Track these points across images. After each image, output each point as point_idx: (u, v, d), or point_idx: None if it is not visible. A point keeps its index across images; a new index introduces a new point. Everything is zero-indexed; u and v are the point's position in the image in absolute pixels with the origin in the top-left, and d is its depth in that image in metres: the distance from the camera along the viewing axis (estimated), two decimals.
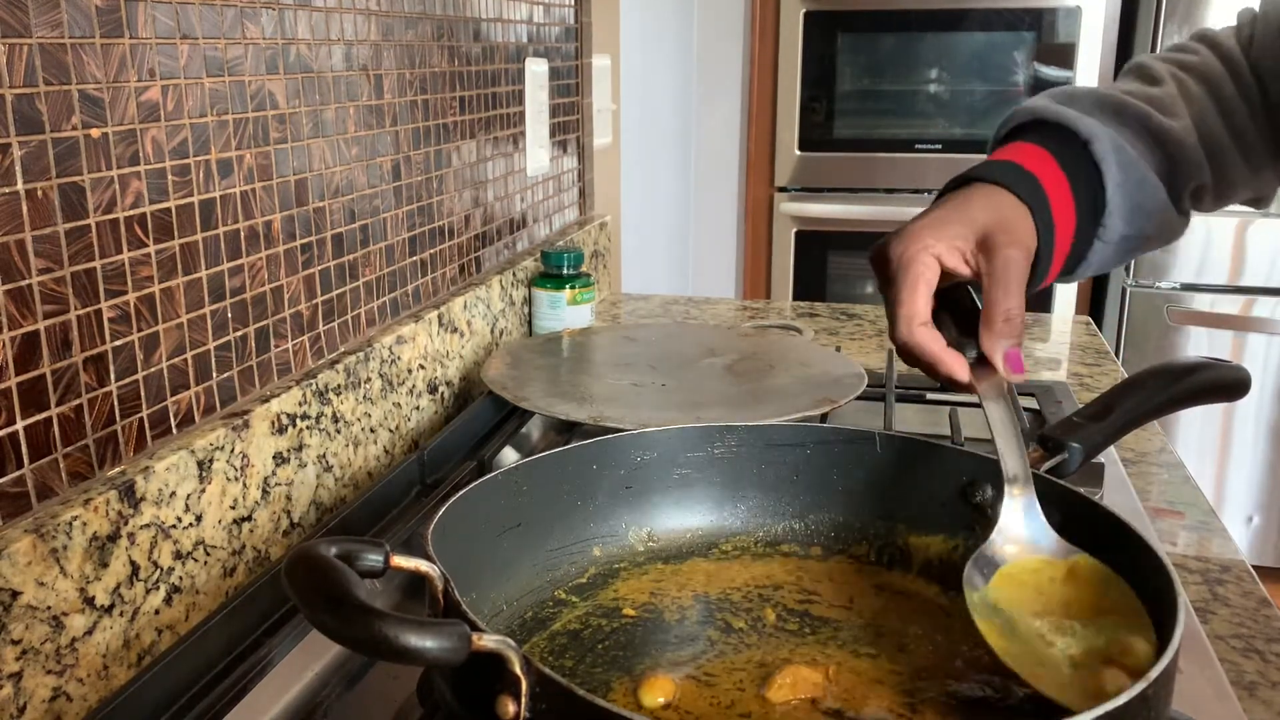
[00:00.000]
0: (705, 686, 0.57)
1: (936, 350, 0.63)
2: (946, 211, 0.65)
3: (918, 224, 0.65)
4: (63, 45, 0.60)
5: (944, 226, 0.64)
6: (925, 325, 0.63)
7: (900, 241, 0.64)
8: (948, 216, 0.65)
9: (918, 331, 0.63)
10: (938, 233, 0.63)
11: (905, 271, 0.63)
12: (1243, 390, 0.75)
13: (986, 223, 0.63)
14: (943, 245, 0.63)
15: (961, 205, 0.65)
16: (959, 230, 0.64)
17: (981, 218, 0.64)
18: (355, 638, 0.40)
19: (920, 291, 0.63)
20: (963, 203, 0.66)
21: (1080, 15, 2.38)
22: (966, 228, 0.64)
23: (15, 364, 0.58)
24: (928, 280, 0.63)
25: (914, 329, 0.63)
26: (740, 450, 0.73)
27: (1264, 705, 0.63)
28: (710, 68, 2.67)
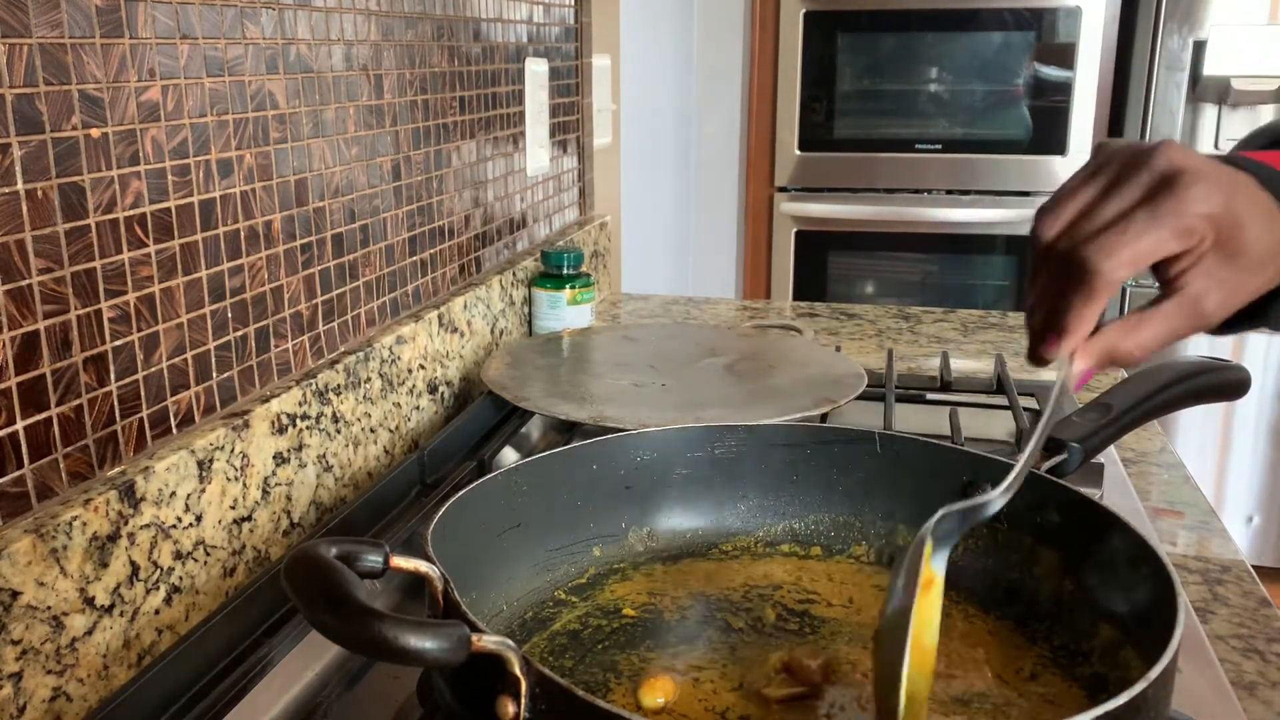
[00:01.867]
0: (705, 686, 0.57)
1: (1072, 305, 0.50)
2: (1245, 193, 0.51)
3: (1215, 169, 0.50)
4: (63, 45, 0.60)
5: (1235, 205, 0.50)
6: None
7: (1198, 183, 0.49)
8: (1243, 198, 0.50)
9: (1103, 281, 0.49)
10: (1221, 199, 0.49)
11: (1169, 213, 0.49)
12: (1243, 390, 0.75)
13: (1234, 231, 0.50)
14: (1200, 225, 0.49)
15: (1258, 209, 0.51)
16: (1227, 226, 0.50)
17: (1255, 242, 0.50)
18: (355, 638, 0.40)
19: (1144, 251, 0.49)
20: (1261, 208, 0.51)
21: (1080, 15, 2.38)
22: (1232, 236, 0.50)
23: (15, 364, 0.58)
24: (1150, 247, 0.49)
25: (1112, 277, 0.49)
26: (740, 450, 0.73)
27: (1264, 705, 0.63)
28: (710, 68, 2.66)
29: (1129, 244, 0.48)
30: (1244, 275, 0.50)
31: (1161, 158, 0.50)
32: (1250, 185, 0.51)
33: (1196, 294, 0.50)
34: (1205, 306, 0.51)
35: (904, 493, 0.71)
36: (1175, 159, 0.49)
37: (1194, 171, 0.49)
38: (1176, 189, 0.49)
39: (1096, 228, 0.49)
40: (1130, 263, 0.48)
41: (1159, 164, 0.49)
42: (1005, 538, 0.66)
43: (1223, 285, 0.50)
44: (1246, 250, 0.50)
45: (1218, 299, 0.51)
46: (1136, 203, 0.49)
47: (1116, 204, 0.50)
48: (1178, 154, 0.50)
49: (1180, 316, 0.51)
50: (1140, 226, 0.48)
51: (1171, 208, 0.48)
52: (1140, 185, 0.50)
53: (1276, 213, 0.51)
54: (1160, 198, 0.49)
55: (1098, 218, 0.50)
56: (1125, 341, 0.51)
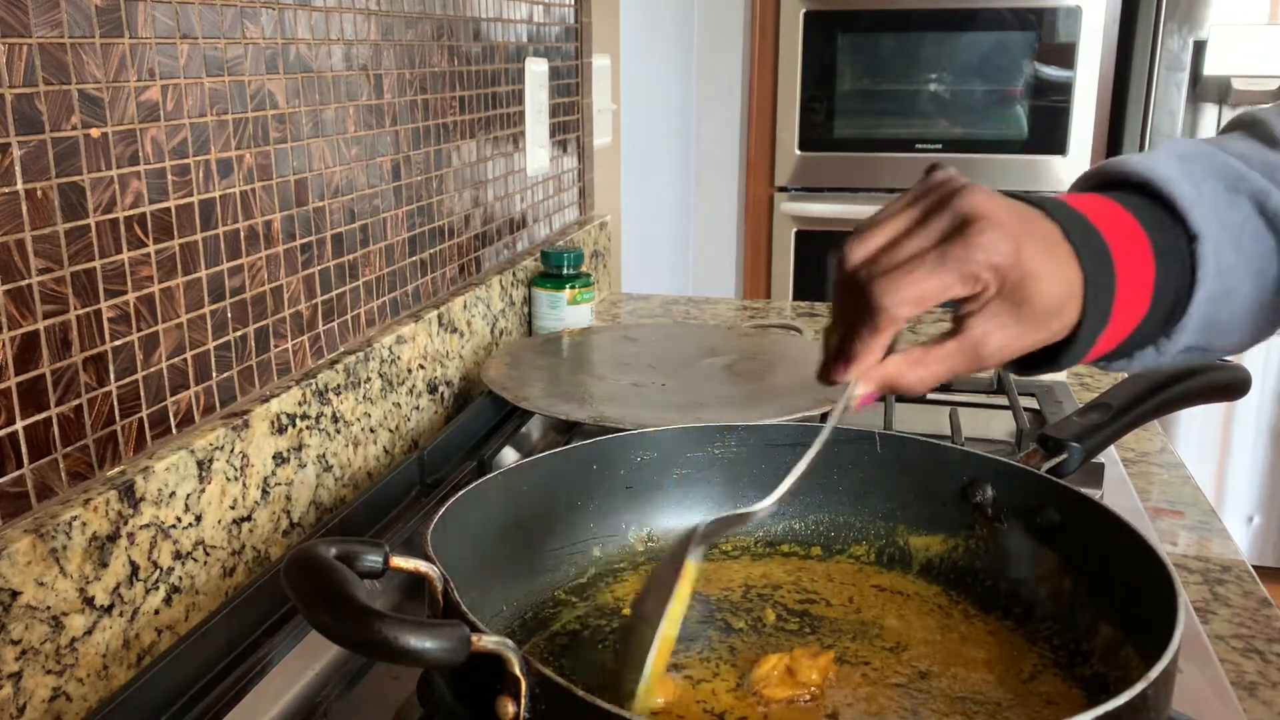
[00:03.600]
0: (704, 687, 0.57)
1: (859, 335, 0.52)
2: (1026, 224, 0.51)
3: (1013, 217, 0.51)
4: (62, 45, 0.60)
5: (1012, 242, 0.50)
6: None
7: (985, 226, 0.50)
8: (1023, 230, 0.51)
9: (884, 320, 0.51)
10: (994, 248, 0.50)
11: (955, 259, 0.50)
12: (1242, 390, 0.75)
13: (1022, 282, 0.50)
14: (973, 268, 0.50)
15: (1039, 243, 0.51)
16: (1002, 261, 0.50)
17: (1027, 280, 0.50)
18: (355, 638, 0.40)
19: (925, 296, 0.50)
20: (1041, 242, 0.51)
21: (1080, 15, 2.38)
22: (1009, 264, 0.50)
23: (15, 364, 0.58)
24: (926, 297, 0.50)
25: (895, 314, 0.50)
26: (740, 450, 0.73)
27: (1264, 705, 0.63)
28: (710, 68, 2.66)
29: (914, 285, 0.49)
30: (1027, 325, 0.51)
31: (963, 201, 0.50)
32: (1051, 238, 0.52)
33: (977, 337, 0.51)
34: (984, 350, 0.51)
35: (904, 493, 0.71)
36: (975, 204, 0.50)
37: (988, 219, 0.50)
38: (968, 235, 0.49)
39: (890, 265, 0.50)
40: (913, 302, 0.50)
41: (960, 207, 0.50)
42: (1005, 538, 0.66)
43: (1004, 331, 0.51)
44: (1031, 302, 0.50)
45: (997, 344, 0.51)
46: (930, 245, 0.50)
47: (913, 243, 0.51)
48: (980, 199, 0.50)
49: (959, 356, 0.52)
50: (927, 269, 0.49)
51: (959, 254, 0.49)
52: (938, 228, 0.50)
53: (1073, 269, 0.52)
54: (951, 243, 0.50)
55: (895, 254, 0.51)
56: (907, 375, 0.52)
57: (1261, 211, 0.56)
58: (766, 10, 2.57)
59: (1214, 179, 0.56)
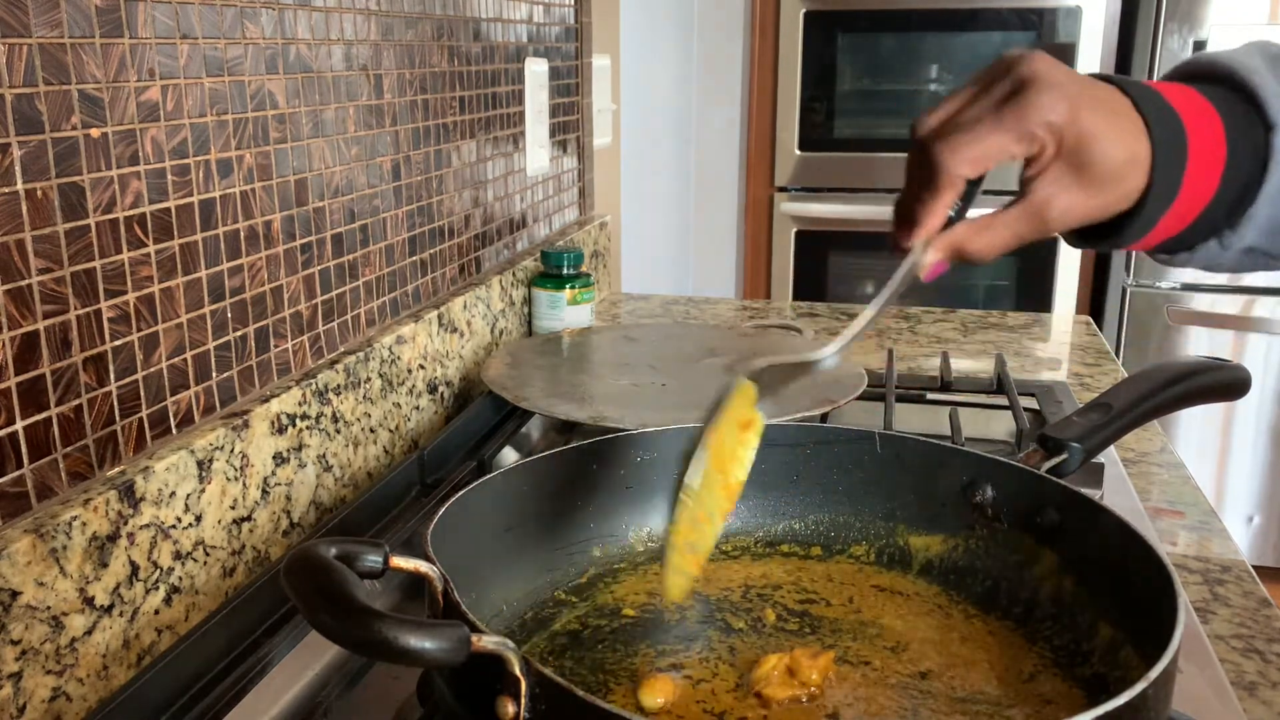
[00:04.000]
0: (704, 687, 0.57)
1: (921, 198, 0.53)
2: (1099, 95, 0.52)
3: (1071, 80, 0.52)
4: (62, 45, 0.60)
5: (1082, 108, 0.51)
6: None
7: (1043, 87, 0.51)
8: (1094, 99, 0.51)
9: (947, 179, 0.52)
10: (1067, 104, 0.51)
11: (1012, 118, 0.51)
12: (1243, 390, 0.75)
13: (1082, 142, 0.51)
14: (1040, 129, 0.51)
15: (1109, 108, 0.52)
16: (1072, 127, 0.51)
17: (1095, 141, 0.51)
18: (355, 638, 0.40)
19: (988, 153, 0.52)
20: (1112, 108, 0.52)
21: (1080, 15, 2.38)
22: (1074, 133, 0.51)
23: (15, 364, 0.58)
24: (993, 149, 0.52)
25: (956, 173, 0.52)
26: None
27: (1264, 705, 0.63)
28: (710, 68, 2.66)
29: (971, 145, 0.51)
30: (1090, 188, 0.52)
31: (1023, 66, 0.51)
32: (1115, 104, 0.52)
33: (1041, 200, 0.52)
34: (1048, 213, 0.52)
35: (904, 493, 0.71)
36: (1034, 68, 0.51)
37: (1045, 81, 0.51)
38: (1023, 97, 0.51)
39: (952, 128, 0.52)
40: (972, 162, 0.51)
41: (1019, 72, 0.51)
42: (1005, 538, 0.66)
43: (1067, 194, 0.52)
44: (1093, 164, 0.51)
45: (1061, 207, 0.52)
46: (989, 108, 0.51)
47: (975, 108, 0.52)
48: (1039, 63, 0.51)
49: (1024, 221, 0.53)
50: (984, 129, 0.51)
51: (1015, 114, 0.50)
52: (998, 92, 0.52)
53: (1139, 136, 0.52)
54: (1007, 104, 0.51)
55: (958, 119, 0.52)
56: (973, 240, 0.53)
57: None
58: (766, 10, 2.57)
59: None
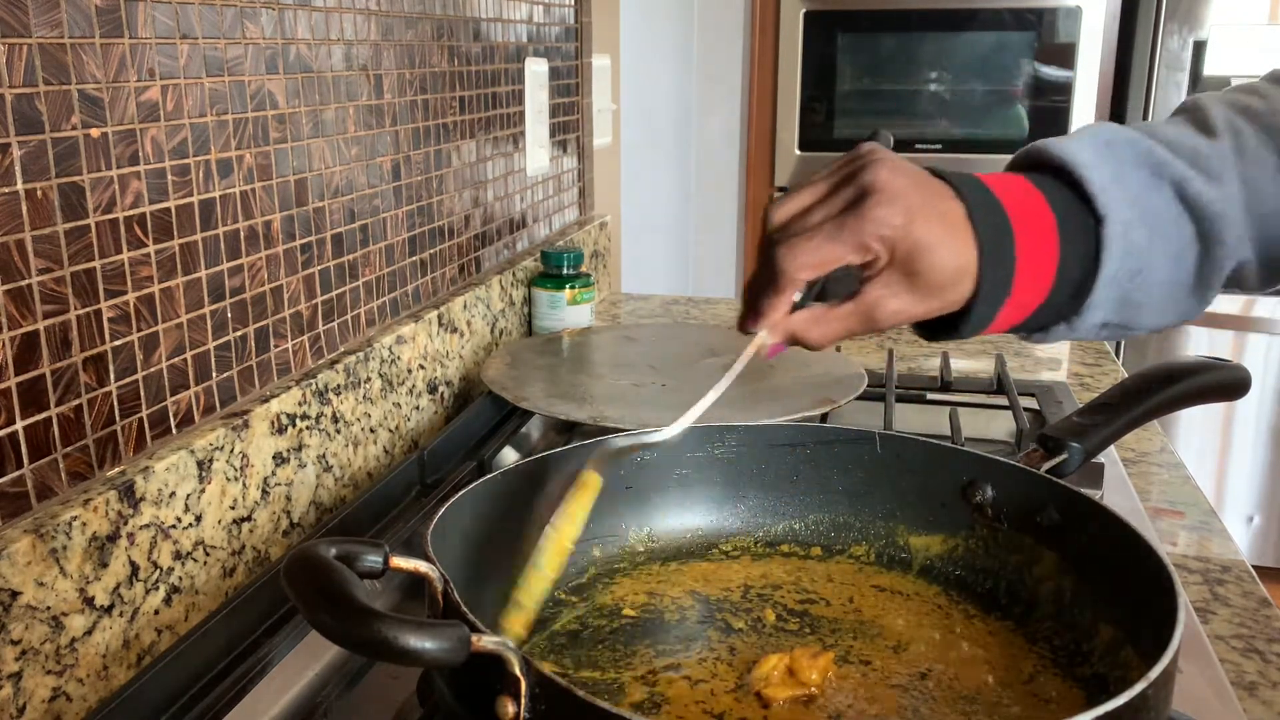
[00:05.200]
0: (704, 687, 0.57)
1: (764, 293, 0.56)
2: (921, 198, 0.54)
3: (912, 190, 0.54)
4: (62, 45, 0.60)
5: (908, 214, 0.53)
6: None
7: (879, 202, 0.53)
8: (917, 206, 0.54)
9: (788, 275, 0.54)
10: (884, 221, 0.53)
11: (850, 229, 0.53)
12: (1243, 390, 0.75)
13: (913, 254, 0.53)
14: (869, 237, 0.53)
15: (935, 218, 0.54)
16: (894, 230, 0.53)
17: (921, 245, 0.53)
18: (355, 638, 0.40)
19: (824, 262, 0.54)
20: (938, 216, 0.54)
21: (1080, 15, 2.38)
22: (901, 235, 0.53)
23: (15, 364, 0.58)
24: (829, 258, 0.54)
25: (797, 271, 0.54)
26: (740, 450, 0.73)
27: (1264, 705, 0.63)
28: (710, 68, 2.66)
29: (811, 252, 0.53)
30: (920, 294, 0.54)
31: (867, 175, 0.54)
32: (949, 214, 0.54)
33: (871, 301, 0.55)
34: (878, 314, 0.55)
35: (904, 493, 0.71)
36: (878, 179, 0.53)
37: (885, 193, 0.53)
38: (863, 208, 0.53)
39: (795, 231, 0.54)
40: (810, 267, 0.54)
41: (863, 180, 0.54)
42: (1005, 538, 0.66)
43: (897, 298, 0.54)
44: (923, 274, 0.53)
45: (890, 310, 0.55)
46: (831, 215, 0.54)
47: (818, 213, 0.54)
48: (883, 174, 0.53)
49: (855, 319, 0.56)
50: (823, 237, 0.53)
51: (854, 225, 0.53)
52: (842, 199, 0.54)
53: (968, 244, 0.54)
54: (848, 213, 0.53)
55: (803, 222, 0.55)
56: (809, 330, 0.57)
57: (1181, 197, 0.58)
58: (766, 10, 2.57)
59: (1136, 164, 0.58)
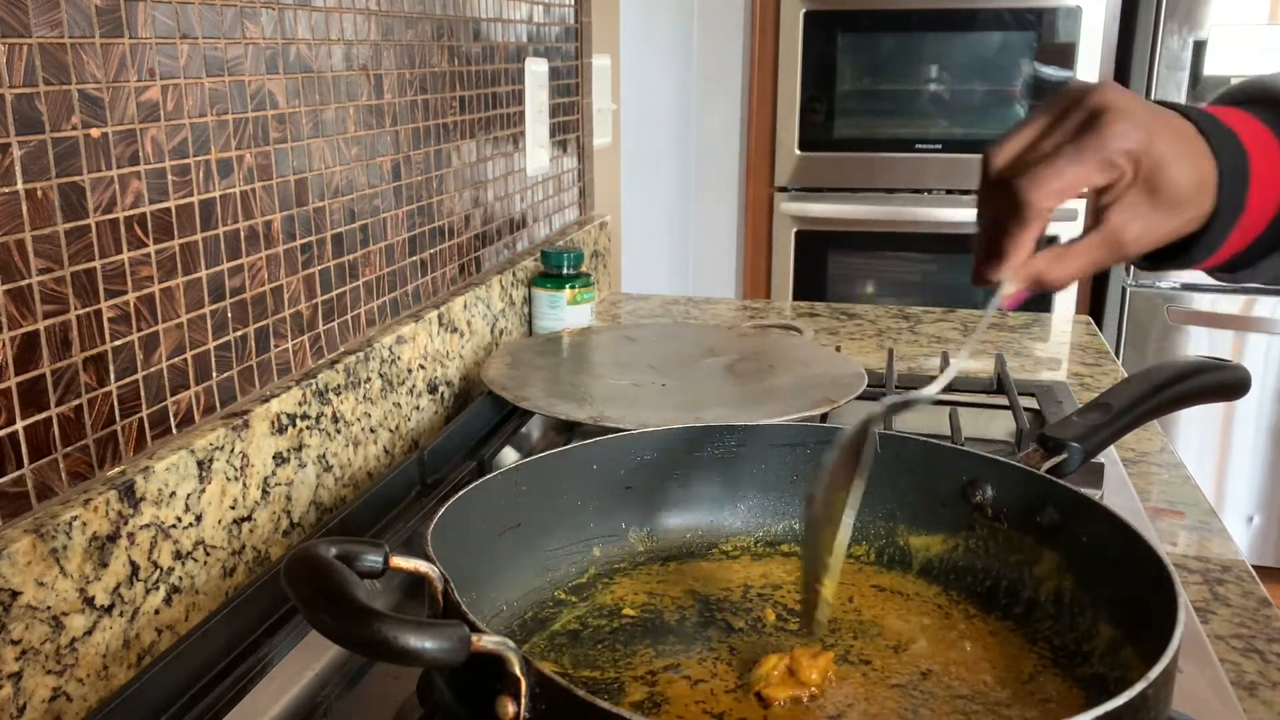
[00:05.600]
0: (703, 687, 0.57)
1: (1008, 231, 0.54)
2: (1171, 124, 0.54)
3: (1143, 109, 0.54)
4: (62, 45, 0.60)
5: (1158, 134, 0.53)
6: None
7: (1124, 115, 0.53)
8: (1168, 130, 0.53)
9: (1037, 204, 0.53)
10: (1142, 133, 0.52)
11: (1091, 148, 0.53)
12: (1243, 390, 0.75)
13: (1156, 168, 0.52)
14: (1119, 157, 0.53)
15: (1182, 139, 0.54)
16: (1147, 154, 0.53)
17: (1171, 171, 0.52)
18: (355, 638, 0.40)
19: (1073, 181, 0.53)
20: (1185, 140, 0.54)
21: (1080, 15, 2.38)
22: (1148, 161, 0.52)
23: (15, 364, 0.58)
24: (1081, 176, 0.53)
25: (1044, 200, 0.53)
26: (740, 450, 0.73)
27: (1264, 705, 0.63)
28: (710, 68, 2.66)
29: (1054, 177, 0.52)
30: (1163, 212, 0.54)
31: (1096, 96, 0.53)
32: (1184, 130, 0.54)
33: (1117, 226, 0.54)
34: (1124, 238, 0.54)
35: (904, 493, 0.71)
36: (1107, 98, 0.53)
37: (1120, 110, 0.52)
38: (1100, 126, 0.52)
39: (1031, 161, 0.53)
40: (1057, 194, 0.52)
41: (1091, 102, 0.53)
42: (1005, 538, 0.66)
43: (1142, 219, 0.54)
44: (1166, 188, 0.53)
45: (1136, 232, 0.54)
46: (1067, 139, 0.53)
47: (1051, 140, 0.53)
48: (1111, 94, 0.53)
49: (1102, 247, 0.54)
50: (1065, 160, 0.52)
51: (1094, 143, 0.52)
52: (1073, 123, 0.53)
53: (1205, 159, 0.54)
54: (1086, 134, 0.52)
55: (1035, 152, 0.54)
56: (1053, 269, 0.55)
57: None
58: (766, 10, 2.57)
59: None
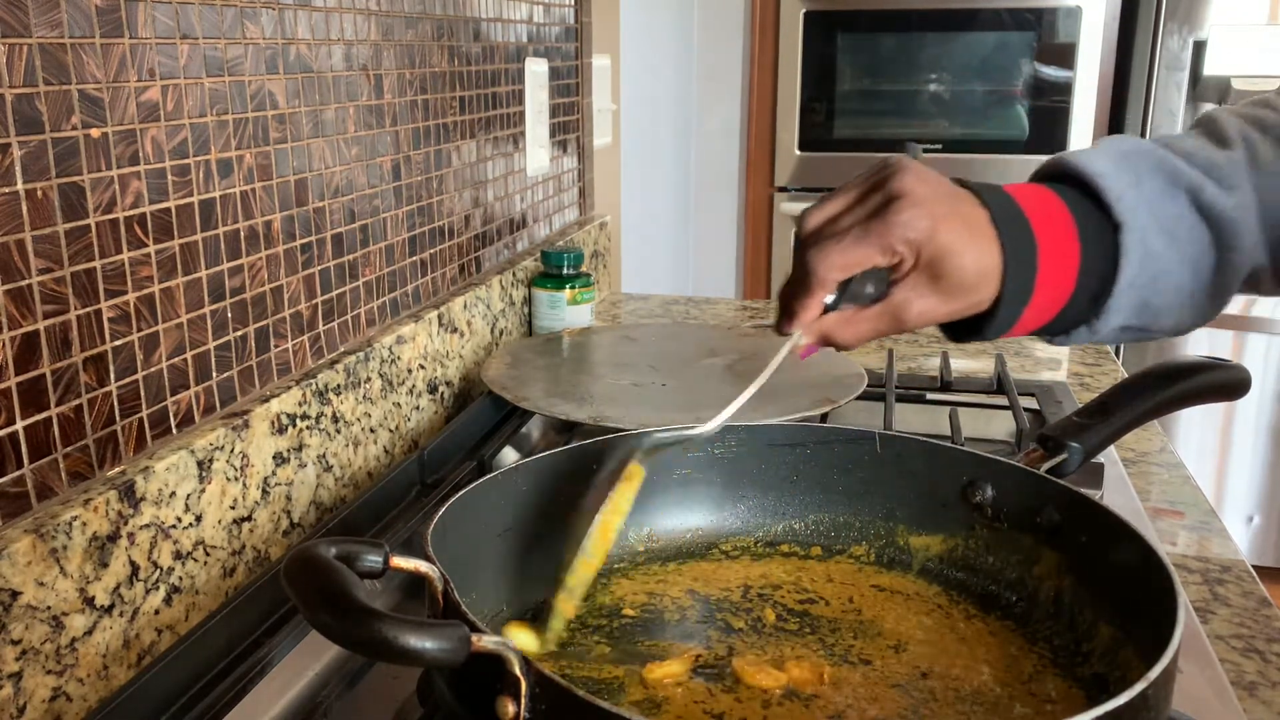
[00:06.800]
0: (703, 687, 0.57)
1: (797, 295, 0.58)
2: (949, 206, 0.57)
3: (934, 198, 0.56)
4: (63, 45, 0.60)
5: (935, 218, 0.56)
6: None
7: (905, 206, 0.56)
8: (946, 212, 0.56)
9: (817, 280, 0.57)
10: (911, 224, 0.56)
11: (876, 233, 0.56)
12: (1243, 390, 0.75)
13: (938, 256, 0.56)
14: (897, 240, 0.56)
15: (962, 221, 0.57)
16: (920, 233, 0.56)
17: (947, 249, 0.56)
18: (355, 638, 0.40)
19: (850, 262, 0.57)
20: (964, 219, 0.57)
21: (1080, 15, 2.38)
22: (926, 239, 0.56)
23: (15, 364, 0.58)
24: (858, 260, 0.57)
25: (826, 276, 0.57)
26: (740, 450, 0.73)
27: (1264, 705, 0.63)
28: (710, 68, 2.66)
29: (840, 254, 0.56)
30: (945, 296, 0.57)
31: (895, 181, 0.57)
32: (973, 219, 0.57)
33: (899, 303, 0.58)
34: (905, 315, 0.58)
35: (904, 493, 0.71)
36: (905, 184, 0.56)
37: (910, 198, 0.56)
38: (889, 213, 0.55)
39: (826, 235, 0.57)
40: (840, 268, 0.56)
41: (890, 187, 0.57)
42: (1005, 538, 0.66)
43: (923, 300, 0.57)
44: (947, 276, 0.56)
45: (917, 310, 0.58)
46: (858, 221, 0.57)
47: (848, 217, 0.57)
48: (909, 181, 0.56)
49: (884, 319, 0.58)
50: (851, 240, 0.56)
51: (879, 229, 0.55)
52: (869, 205, 0.57)
53: (991, 248, 0.57)
54: (874, 219, 0.56)
55: (834, 226, 0.57)
56: (840, 331, 0.59)
57: (1196, 205, 0.60)
58: (766, 10, 2.57)
59: (1152, 174, 0.61)
